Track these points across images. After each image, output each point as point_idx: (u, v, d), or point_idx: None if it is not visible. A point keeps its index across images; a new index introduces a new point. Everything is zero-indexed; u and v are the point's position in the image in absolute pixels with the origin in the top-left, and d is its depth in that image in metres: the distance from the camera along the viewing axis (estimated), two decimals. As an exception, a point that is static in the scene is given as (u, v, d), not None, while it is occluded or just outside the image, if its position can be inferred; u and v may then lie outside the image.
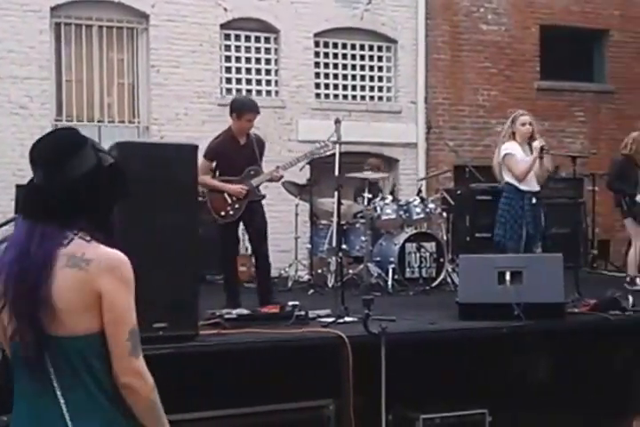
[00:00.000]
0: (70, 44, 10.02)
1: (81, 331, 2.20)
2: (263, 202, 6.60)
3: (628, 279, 8.13)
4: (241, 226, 6.58)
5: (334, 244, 7.66)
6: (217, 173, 6.41)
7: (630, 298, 6.08)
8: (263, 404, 5.07)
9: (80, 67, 10.06)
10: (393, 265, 8.14)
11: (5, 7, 9.49)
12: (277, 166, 6.74)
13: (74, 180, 2.26)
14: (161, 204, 4.61)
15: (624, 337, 6.04)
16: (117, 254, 2.28)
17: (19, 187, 8.20)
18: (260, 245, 6.41)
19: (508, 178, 6.92)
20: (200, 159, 6.36)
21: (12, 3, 9.51)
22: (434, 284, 8.21)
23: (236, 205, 6.29)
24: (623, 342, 6.09)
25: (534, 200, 6.89)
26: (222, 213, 6.29)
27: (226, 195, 6.29)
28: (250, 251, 7.45)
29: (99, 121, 10.12)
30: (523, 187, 6.89)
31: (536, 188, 6.95)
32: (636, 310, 5.95)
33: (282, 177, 6.80)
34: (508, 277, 5.68)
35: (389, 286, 7.99)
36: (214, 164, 6.42)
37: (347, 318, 5.51)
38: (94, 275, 2.21)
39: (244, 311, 5.47)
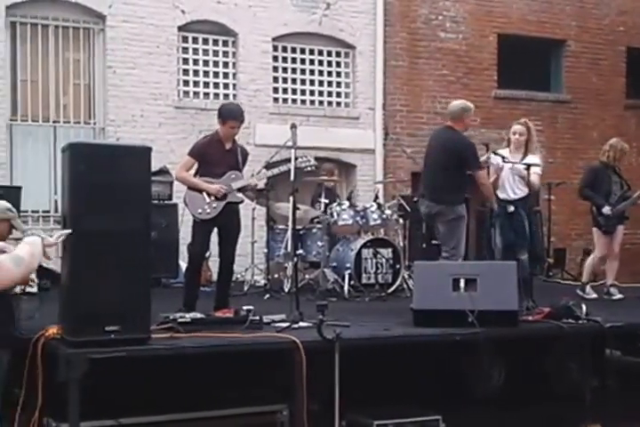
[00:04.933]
0: (26, 43, 9.86)
1: None
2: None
3: (580, 287, 8.24)
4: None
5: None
6: (198, 174, 6.39)
7: (584, 306, 6.14)
8: (216, 408, 5.05)
9: (36, 66, 9.91)
10: (349, 271, 8.14)
11: (-41, 4, 9.32)
12: (252, 175, 6.77)
13: None
14: (113, 206, 4.55)
15: (577, 346, 6.09)
16: None
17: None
18: (228, 249, 6.40)
19: None
20: (185, 157, 6.48)
21: (-34, 0, 9.35)
22: (390, 290, 8.22)
23: (214, 205, 6.29)
24: (576, 350, 6.14)
25: (511, 208, 6.95)
26: (199, 211, 6.29)
27: (204, 193, 6.29)
28: (208, 254, 7.39)
29: (54, 121, 9.97)
30: (499, 194, 7.01)
31: (512, 196, 7.03)
32: (589, 319, 6.00)
33: (256, 185, 6.81)
34: (462, 284, 5.70)
35: (345, 292, 7.99)
36: (196, 164, 6.40)
37: (301, 324, 5.50)
38: None
39: (198, 315, 5.42)
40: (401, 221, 8.92)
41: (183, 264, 7.56)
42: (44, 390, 4.49)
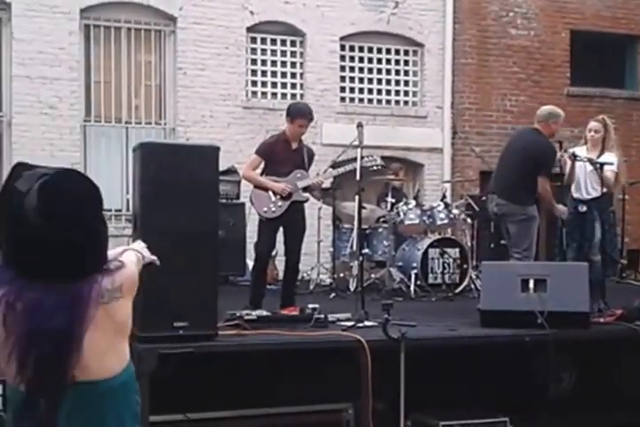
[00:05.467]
0: (99, 45, 10.09)
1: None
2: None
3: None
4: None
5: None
6: (264, 173, 6.45)
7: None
8: (282, 406, 5.07)
9: (109, 68, 10.13)
10: (415, 270, 8.09)
11: (36, 9, 9.58)
12: (317, 174, 6.81)
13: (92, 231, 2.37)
14: (182, 205, 4.60)
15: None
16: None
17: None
18: (294, 247, 6.43)
19: None
20: (252, 156, 6.54)
21: (42, 4, 9.59)
22: (457, 290, 8.15)
23: (279, 204, 6.33)
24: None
25: (583, 208, 6.81)
26: (265, 210, 6.34)
27: (270, 192, 6.33)
28: (274, 253, 7.44)
29: (126, 122, 10.18)
30: (573, 193, 6.88)
31: (585, 196, 6.87)
32: (662, 321, 5.83)
33: (322, 184, 6.85)
34: (531, 284, 5.60)
35: (411, 292, 7.95)
36: (263, 163, 6.46)
37: (366, 323, 5.48)
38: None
39: (264, 313, 5.46)
40: (469, 220, 8.82)
41: (250, 262, 7.61)
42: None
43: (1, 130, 9.71)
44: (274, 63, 10.79)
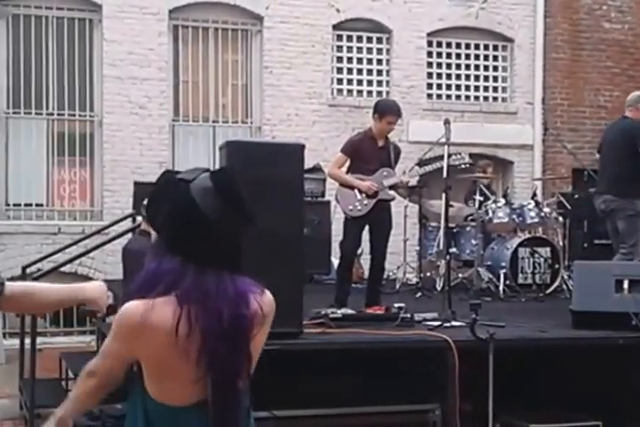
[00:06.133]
0: (187, 45, 10.24)
1: None
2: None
3: None
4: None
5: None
6: (350, 171, 6.43)
7: None
8: (367, 405, 5.02)
9: (196, 68, 10.27)
10: (505, 270, 7.93)
11: (126, 10, 9.78)
12: (404, 172, 6.75)
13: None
14: (268, 203, 4.59)
15: None
16: None
17: (137, 184, 8.45)
18: (380, 246, 6.39)
19: None
20: (337, 154, 6.52)
21: (132, 6, 9.79)
22: (548, 290, 7.94)
23: (365, 202, 6.30)
24: None
25: None
26: (350, 208, 6.32)
27: (356, 190, 6.30)
28: (360, 251, 7.40)
29: (213, 121, 10.31)
30: None
31: None
32: None
33: (408, 183, 6.78)
34: (625, 285, 5.41)
35: (500, 292, 7.79)
36: (349, 161, 6.44)
37: (454, 323, 5.40)
38: None
39: (350, 311, 5.43)
40: (560, 219, 8.59)
41: (335, 261, 7.60)
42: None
43: (92, 130, 9.95)
44: (360, 60, 10.75)
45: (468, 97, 11.11)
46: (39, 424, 2.77)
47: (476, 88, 11.16)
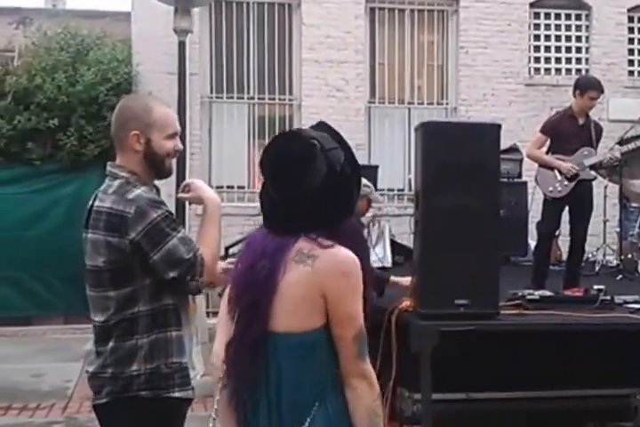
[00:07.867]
0: (383, 27, 10.37)
1: (296, 328, 2.19)
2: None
3: None
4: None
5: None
6: (550, 152, 6.37)
7: None
8: (565, 388, 4.97)
9: (392, 50, 10.39)
10: None
11: (324, -5, 10.04)
12: (611, 148, 6.57)
13: (312, 191, 2.21)
14: (463, 184, 4.64)
15: None
16: (348, 257, 2.18)
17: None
18: (580, 228, 6.28)
19: None
20: (537, 134, 6.46)
21: (330, -10, 10.03)
22: None
23: (565, 183, 6.22)
24: None
25: None
26: (550, 189, 6.26)
27: (556, 171, 6.23)
28: (558, 233, 7.29)
29: (409, 103, 10.41)
30: None
31: None
32: None
33: (617, 159, 6.60)
34: None
35: None
36: (549, 141, 6.38)
37: (656, 306, 5.21)
38: (320, 275, 2.15)
39: (547, 293, 5.38)
40: None
41: (532, 242, 7.50)
42: (398, 360, 4.59)
43: (292, 113, 10.32)
44: (558, 38, 10.48)
45: (673, 72, 10.56)
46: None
47: (684, 62, 10.57)
